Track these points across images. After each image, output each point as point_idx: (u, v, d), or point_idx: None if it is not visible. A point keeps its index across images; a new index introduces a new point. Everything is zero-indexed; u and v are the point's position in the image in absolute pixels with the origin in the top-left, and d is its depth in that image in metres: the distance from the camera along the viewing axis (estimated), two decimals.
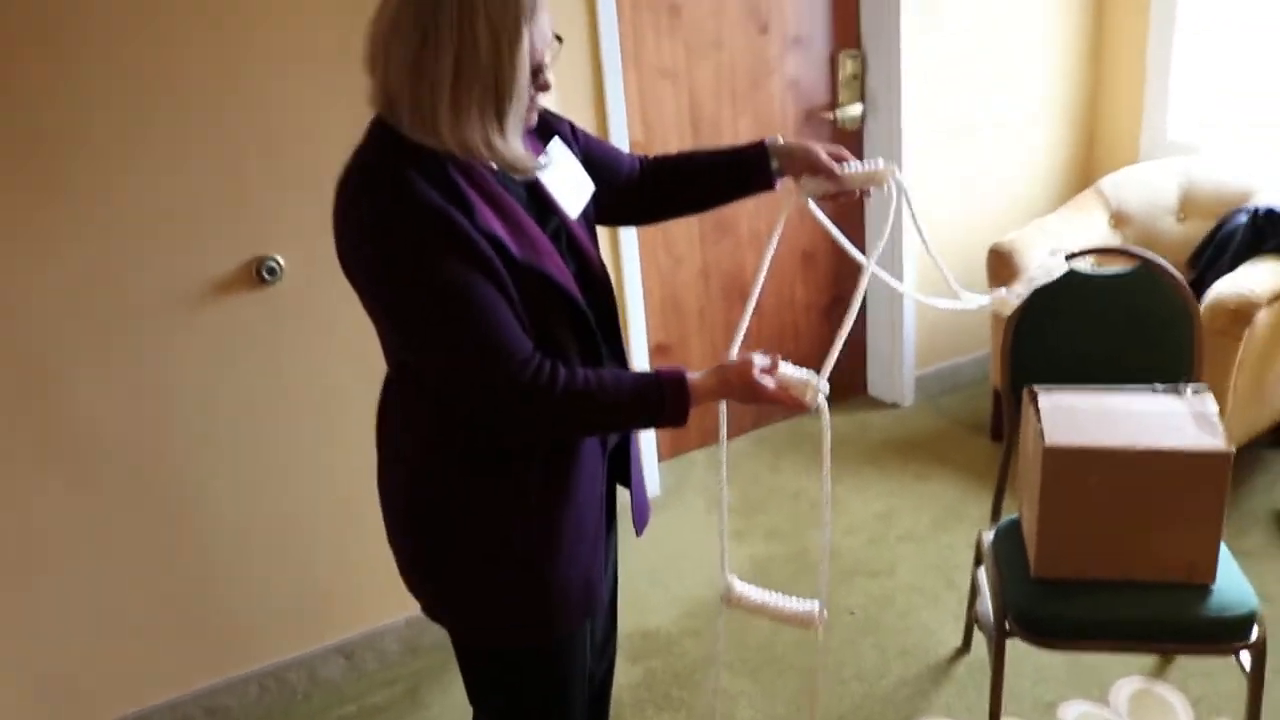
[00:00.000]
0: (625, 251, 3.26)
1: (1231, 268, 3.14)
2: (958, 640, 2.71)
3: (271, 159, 2.37)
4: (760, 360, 1.58)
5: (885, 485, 3.45)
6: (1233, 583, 2.05)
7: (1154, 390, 2.12)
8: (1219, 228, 3.36)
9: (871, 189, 1.81)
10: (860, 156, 3.66)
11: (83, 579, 2.46)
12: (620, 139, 3.13)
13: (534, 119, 1.56)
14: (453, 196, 1.43)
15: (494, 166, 1.53)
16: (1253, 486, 3.24)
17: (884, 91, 3.61)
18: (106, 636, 2.52)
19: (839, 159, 1.80)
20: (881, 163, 1.77)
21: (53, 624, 2.46)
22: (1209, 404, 2.06)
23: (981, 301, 1.99)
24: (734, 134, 3.47)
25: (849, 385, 4.03)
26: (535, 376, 1.47)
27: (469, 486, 1.60)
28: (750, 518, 3.33)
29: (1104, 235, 3.50)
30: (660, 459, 3.57)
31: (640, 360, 3.35)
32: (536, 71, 1.48)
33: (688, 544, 3.22)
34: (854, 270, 3.82)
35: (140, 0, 2.19)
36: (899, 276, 3.73)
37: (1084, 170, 4.05)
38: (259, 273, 2.42)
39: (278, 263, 2.42)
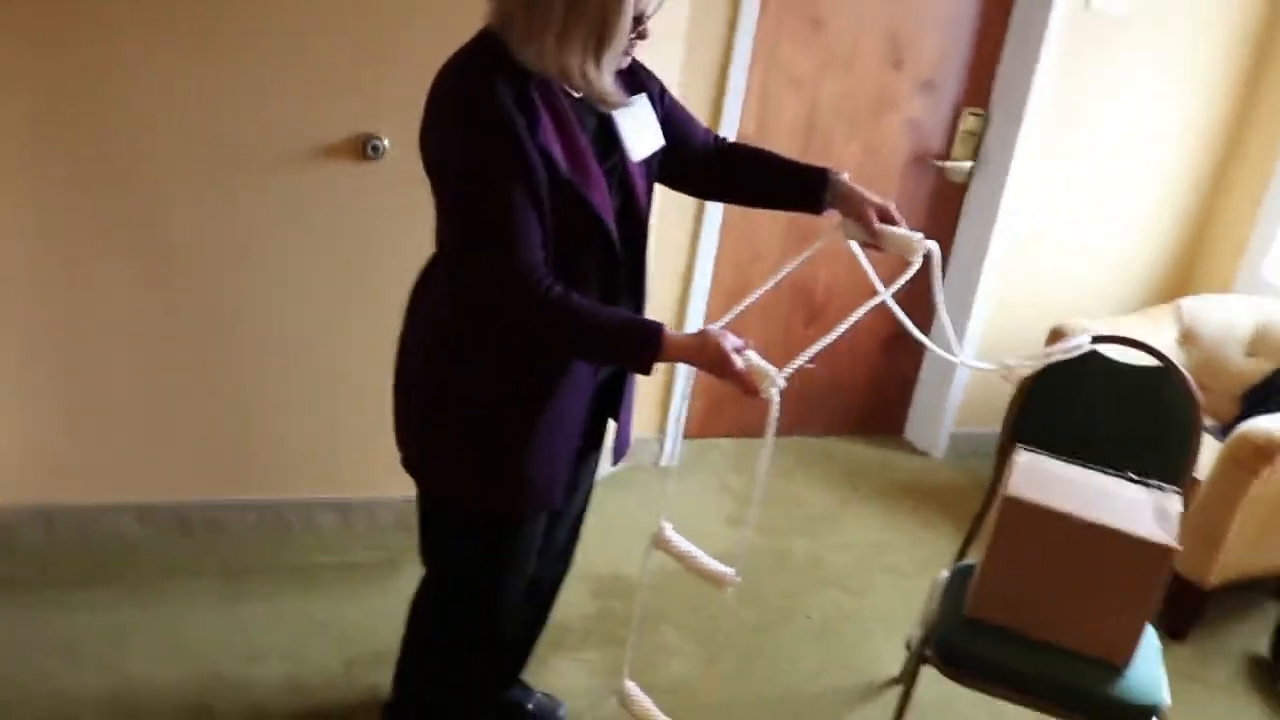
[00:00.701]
0: (705, 232, 3.42)
1: (1277, 410, 3.18)
2: (897, 671, 2.82)
3: (393, 48, 2.59)
4: (735, 340, 1.72)
5: (889, 519, 3.56)
6: (1148, 673, 2.13)
7: (1128, 478, 2.22)
8: (1279, 371, 3.40)
9: (906, 255, 1.92)
10: (959, 211, 3.79)
11: (122, 366, 2.72)
12: (730, 129, 3.28)
13: (628, 61, 1.74)
14: (525, 109, 1.62)
15: (578, 95, 1.71)
16: (1238, 626, 3.27)
17: (998, 154, 3.70)
18: (134, 426, 2.79)
19: (885, 217, 1.93)
20: (920, 236, 1.90)
21: (85, 400, 2.73)
22: (1174, 504, 2.15)
23: (984, 365, 2.10)
24: (843, 156, 3.60)
25: (888, 422, 4.14)
26: (534, 282, 1.64)
27: (466, 367, 1.80)
28: (747, 509, 3.47)
29: (1169, 349, 3.54)
30: (685, 436, 3.72)
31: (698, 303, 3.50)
32: (638, 19, 1.66)
33: (684, 514, 3.36)
34: (926, 311, 3.93)
35: None
36: (968, 323, 3.82)
37: (1174, 286, 4.09)
38: (365, 148, 2.65)
39: (383, 143, 2.64)
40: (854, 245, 2.00)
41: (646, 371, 1.71)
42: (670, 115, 1.94)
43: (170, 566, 2.81)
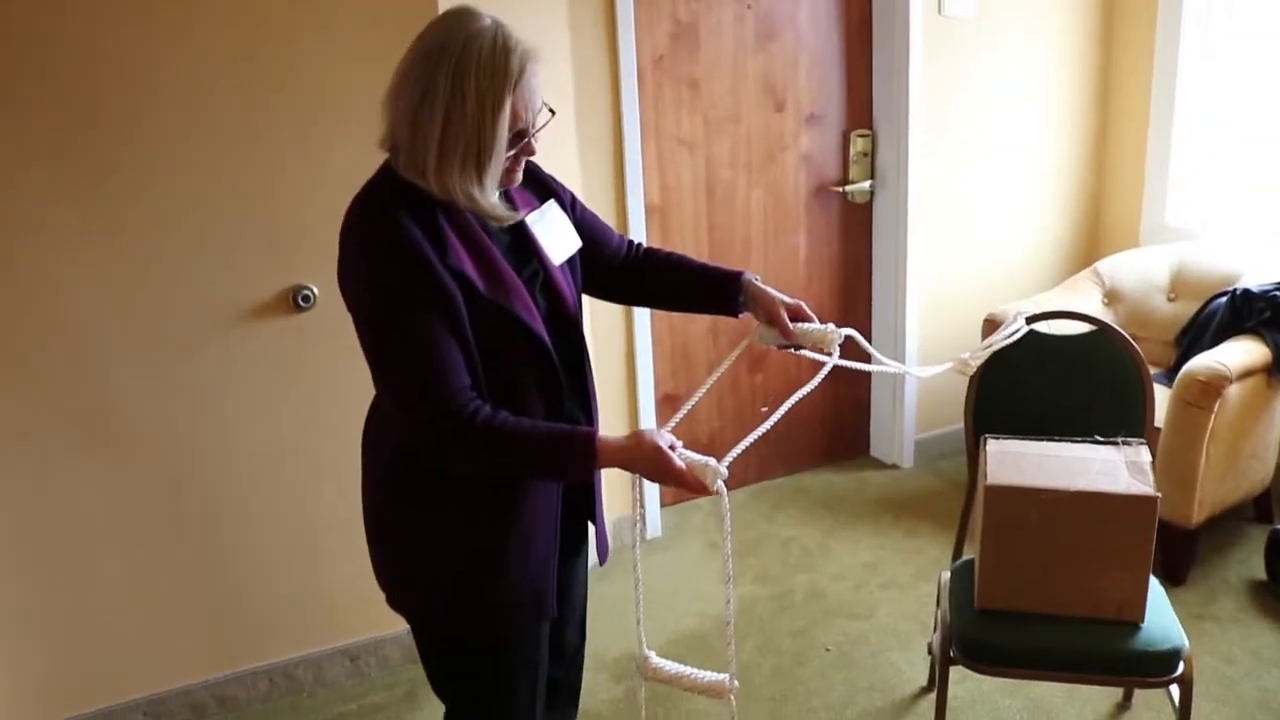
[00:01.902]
0: (639, 322, 3.50)
1: (1211, 345, 3.31)
2: (924, 679, 2.87)
3: (311, 197, 2.64)
4: (668, 438, 1.71)
5: (875, 539, 3.62)
6: (1162, 621, 2.20)
7: (1095, 441, 2.31)
8: (1203, 307, 3.55)
9: (824, 348, 1.96)
10: (870, 231, 3.92)
11: (108, 567, 2.70)
12: (636, 201, 3.38)
13: (516, 178, 1.77)
14: (432, 235, 1.64)
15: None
16: (1231, 556, 3.37)
17: (892, 169, 3.84)
18: (129, 623, 2.76)
19: (796, 315, 1.98)
20: (832, 328, 1.95)
21: (80, 606, 2.70)
22: (1143, 455, 2.23)
23: (941, 368, 2.18)
24: (747, 203, 3.72)
25: (852, 446, 4.22)
26: (458, 411, 1.64)
27: (424, 504, 1.80)
28: (741, 560, 3.51)
29: (1097, 311, 3.68)
30: (664, 504, 3.76)
31: (646, 408, 3.56)
32: (520, 136, 1.69)
33: (682, 581, 3.41)
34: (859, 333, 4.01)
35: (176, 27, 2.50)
36: (903, 337, 3.94)
37: (1087, 251, 4.25)
38: (295, 300, 2.69)
39: (312, 291, 2.69)
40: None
41: (587, 480, 1.71)
42: (582, 222, 1.98)
43: None
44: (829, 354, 1.93)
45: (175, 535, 2.75)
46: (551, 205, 1.89)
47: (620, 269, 2.06)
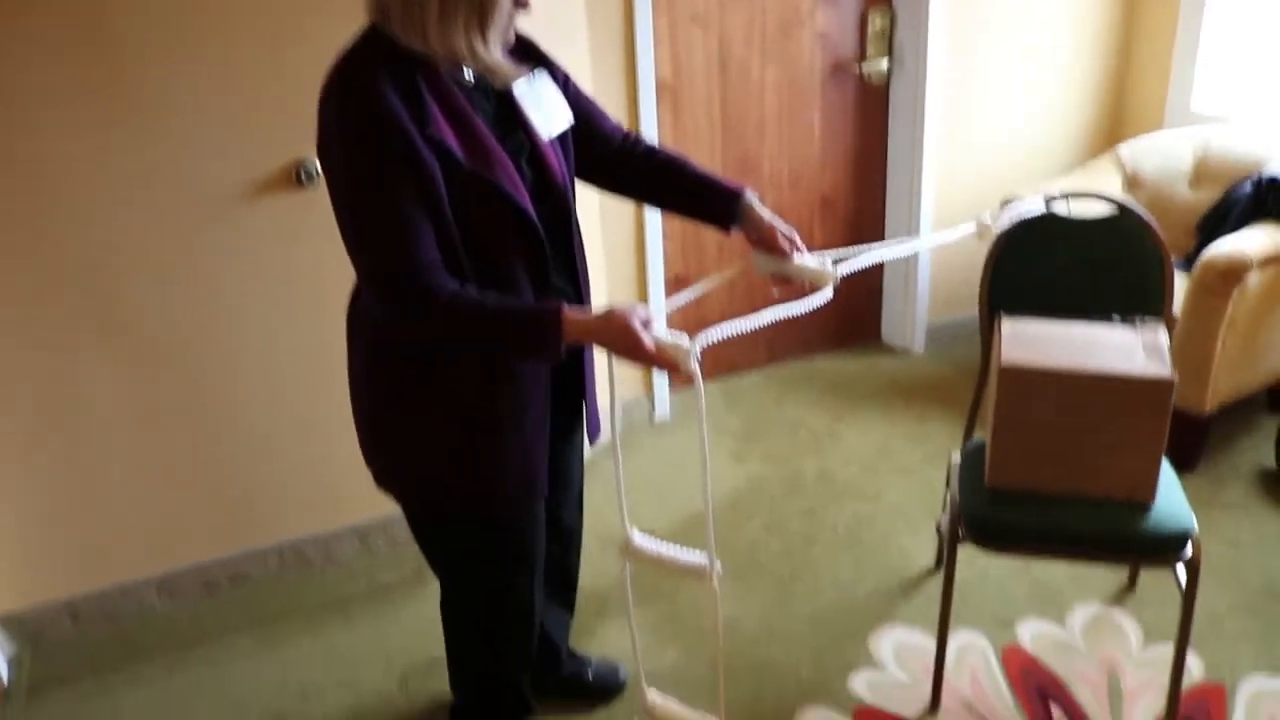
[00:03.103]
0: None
1: (1233, 232, 3.24)
2: (931, 561, 2.88)
3: (313, 70, 2.55)
4: (642, 312, 1.68)
5: (886, 424, 3.61)
6: (1172, 503, 2.19)
7: (1112, 322, 2.27)
8: (1227, 195, 3.46)
9: (817, 284, 1.93)
10: (887, 111, 3.83)
11: (119, 448, 2.71)
12: (647, 79, 3.29)
13: (511, 36, 1.72)
14: (412, 103, 1.59)
15: (469, 79, 1.70)
16: (1241, 445, 3.36)
17: (911, 48, 3.73)
18: (139, 502, 2.78)
19: (794, 245, 1.94)
20: (828, 263, 1.92)
21: (89, 487, 2.71)
22: (1161, 336, 2.20)
23: (958, 231, 2.15)
24: (761, 82, 3.62)
25: (862, 330, 4.19)
26: (424, 286, 1.61)
27: (411, 375, 1.78)
28: (751, 443, 3.52)
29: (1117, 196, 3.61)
30: (672, 389, 3.75)
31: (656, 288, 3.52)
32: None
33: (689, 463, 3.41)
34: (873, 217, 3.96)
35: None
36: (917, 220, 3.88)
37: (1109, 135, 4.15)
38: (298, 175, 2.63)
39: (315, 167, 2.63)
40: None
41: (556, 359, 1.66)
42: (576, 101, 1.92)
43: (203, 629, 2.81)
44: (824, 288, 1.91)
45: (186, 415, 2.75)
46: (541, 76, 1.83)
47: (615, 157, 2.00)
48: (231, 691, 2.59)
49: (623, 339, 1.65)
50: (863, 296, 4.13)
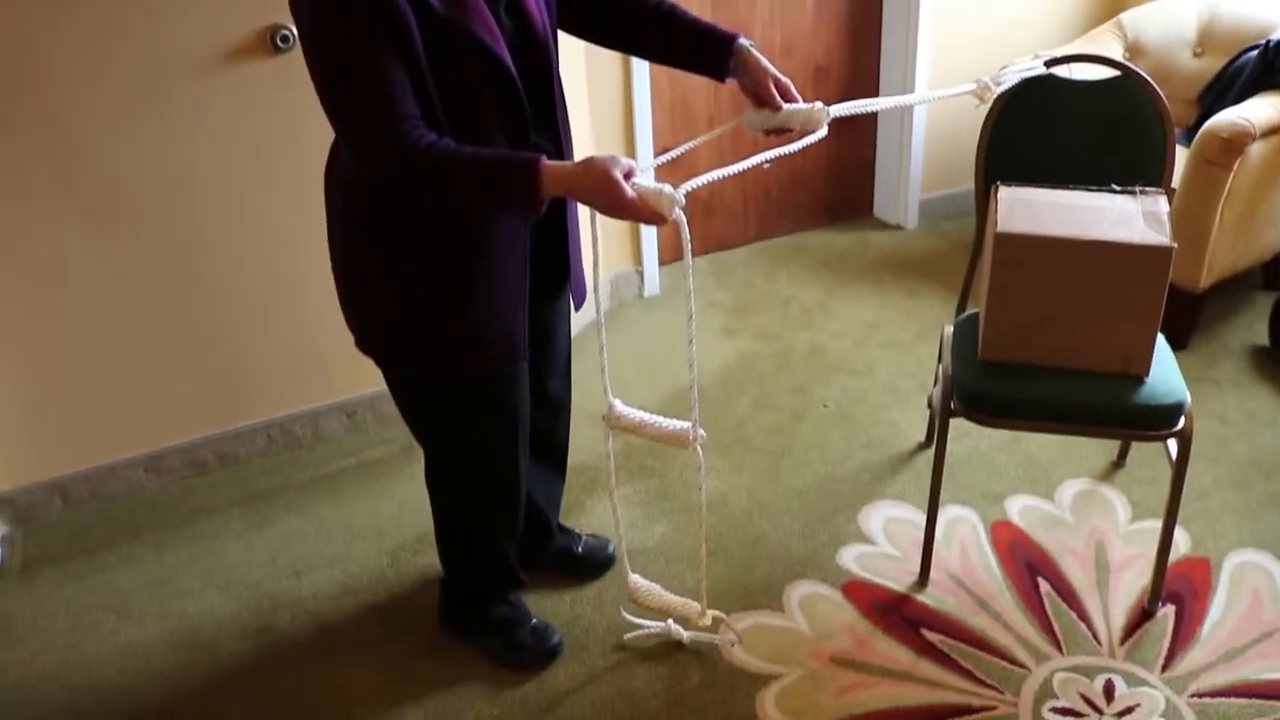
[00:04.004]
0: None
1: (1237, 101, 3.16)
2: (922, 436, 2.87)
3: None
4: (624, 163, 1.62)
5: (877, 299, 3.57)
6: (1166, 376, 2.17)
7: (1111, 190, 2.21)
8: (1231, 62, 3.37)
9: (811, 128, 1.88)
10: None
11: (101, 325, 2.66)
12: None
13: None
14: None
15: None
16: (1234, 322, 3.33)
17: None
18: (124, 381, 2.74)
19: (785, 94, 1.87)
20: (819, 105, 1.86)
21: (73, 366, 2.67)
22: (1161, 204, 2.14)
23: (956, 90, 2.08)
24: None
25: (855, 205, 4.12)
26: (400, 138, 1.56)
27: (388, 234, 1.75)
28: (741, 318, 3.48)
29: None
30: (661, 263, 3.69)
31: (645, 161, 3.44)
32: None
33: (679, 338, 3.37)
34: (868, 86, 3.86)
35: None
36: (912, 89, 3.78)
37: (1111, 3, 4.02)
38: (273, 40, 2.53)
39: (291, 31, 2.53)
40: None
41: (535, 210, 1.62)
42: None
43: (193, 507, 2.80)
44: (819, 129, 1.87)
45: (166, 293, 2.69)
46: None
47: (604, 6, 1.92)
48: (221, 569, 2.59)
49: (604, 189, 1.60)
50: (855, 171, 4.05)
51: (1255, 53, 3.27)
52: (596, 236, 1.84)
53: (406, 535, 2.64)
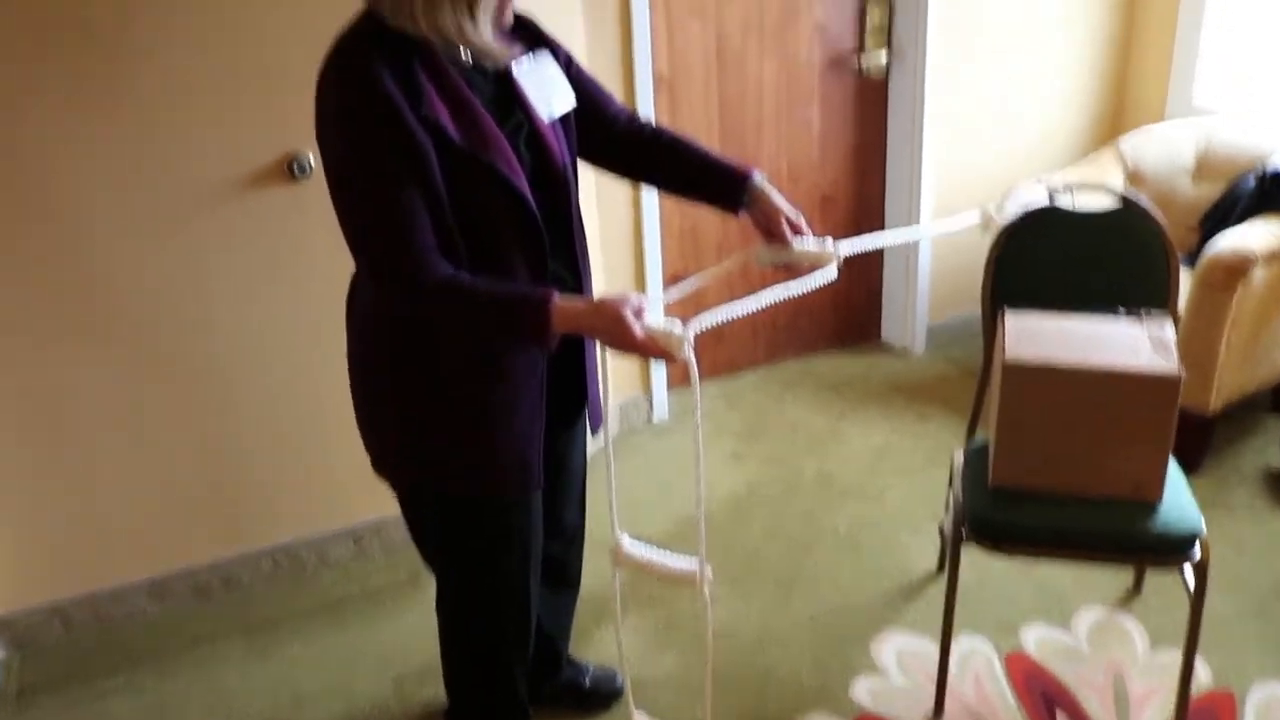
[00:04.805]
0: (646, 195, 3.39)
1: (1237, 227, 3.20)
2: (934, 563, 2.83)
3: (306, 61, 2.51)
4: (634, 301, 1.64)
5: (887, 423, 3.57)
6: (1179, 502, 2.15)
7: (1117, 315, 2.22)
8: (1230, 189, 3.43)
9: (820, 265, 1.90)
10: (886, 105, 3.79)
11: (109, 447, 2.66)
12: (644, 71, 3.24)
13: (507, 18, 1.69)
14: (406, 83, 1.57)
15: (465, 57, 1.67)
16: (1245, 445, 3.31)
17: (910, 41, 3.68)
18: (129, 504, 2.73)
19: (796, 229, 1.91)
20: (829, 242, 1.89)
21: (78, 487, 2.67)
22: (1167, 329, 2.15)
23: (961, 220, 2.11)
24: (759, 75, 3.58)
25: (863, 330, 4.14)
26: (415, 268, 1.59)
27: (407, 358, 1.76)
28: (751, 443, 3.47)
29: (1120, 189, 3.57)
30: (670, 386, 3.70)
31: (654, 288, 3.48)
32: None
33: (687, 465, 3.36)
34: (874, 213, 3.92)
35: None
36: (917, 217, 3.84)
37: (1110, 129, 4.11)
38: (291, 169, 2.59)
39: (308, 160, 2.59)
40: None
41: (545, 346, 1.64)
42: (579, 81, 1.89)
43: (195, 634, 2.76)
44: (826, 268, 1.88)
45: (176, 416, 2.70)
46: (543, 56, 1.80)
47: (621, 138, 1.96)
48: (222, 699, 2.54)
49: (613, 328, 1.62)
50: (862, 296, 4.08)
51: (1252, 179, 3.32)
52: (606, 366, 1.85)
53: (411, 665, 2.59)
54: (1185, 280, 3.06)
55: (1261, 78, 3.77)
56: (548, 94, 1.78)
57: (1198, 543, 2.10)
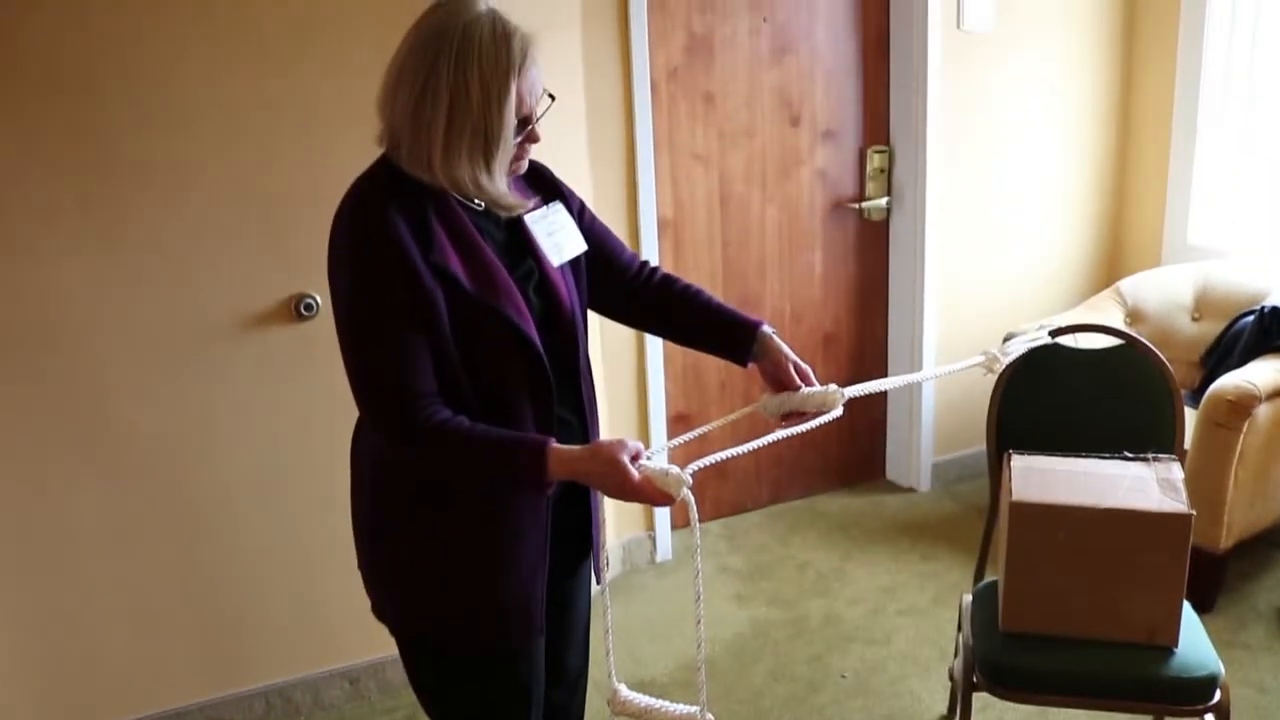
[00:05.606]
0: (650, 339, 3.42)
1: (1239, 364, 3.22)
2: (944, 708, 2.76)
3: (315, 203, 2.57)
4: (631, 446, 1.63)
5: (892, 563, 3.52)
6: (1196, 645, 2.10)
7: (1124, 457, 2.22)
8: (1229, 327, 3.46)
9: (828, 409, 1.90)
10: (887, 249, 3.85)
11: (104, 582, 2.62)
12: (649, 216, 3.31)
13: (522, 166, 1.73)
14: (418, 231, 1.60)
15: (478, 205, 1.71)
16: (1259, 583, 3.26)
17: (910, 186, 3.77)
18: (120, 641, 2.67)
19: (804, 378, 1.92)
20: (834, 388, 1.90)
21: (71, 622, 2.62)
22: (1175, 471, 2.14)
23: (964, 364, 2.11)
24: (761, 219, 3.65)
25: (867, 469, 4.12)
26: (413, 412, 1.59)
27: (410, 502, 1.74)
28: (755, 584, 3.42)
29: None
30: (674, 526, 3.67)
31: (658, 427, 3.48)
32: (525, 122, 1.65)
33: (690, 605, 3.29)
34: (876, 354, 3.94)
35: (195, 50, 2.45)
36: (920, 356, 3.86)
37: (1107, 271, 4.17)
38: (297, 308, 2.62)
39: (315, 300, 2.62)
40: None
41: (541, 492, 1.63)
42: (591, 230, 1.91)
43: None
44: (832, 411, 1.88)
45: (171, 551, 2.67)
46: (556, 206, 1.83)
47: (631, 288, 1.97)
48: None
49: (610, 474, 1.60)
50: (866, 434, 4.08)
51: (1251, 318, 3.35)
52: (602, 517, 1.84)
53: None
54: (1189, 417, 3.06)
55: (1254, 216, 3.84)
56: (558, 240, 1.80)
57: (1218, 686, 2.05)
